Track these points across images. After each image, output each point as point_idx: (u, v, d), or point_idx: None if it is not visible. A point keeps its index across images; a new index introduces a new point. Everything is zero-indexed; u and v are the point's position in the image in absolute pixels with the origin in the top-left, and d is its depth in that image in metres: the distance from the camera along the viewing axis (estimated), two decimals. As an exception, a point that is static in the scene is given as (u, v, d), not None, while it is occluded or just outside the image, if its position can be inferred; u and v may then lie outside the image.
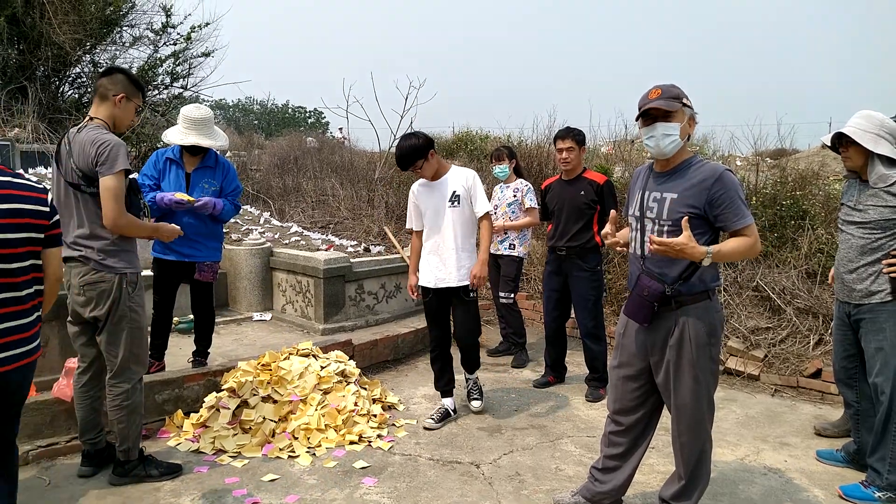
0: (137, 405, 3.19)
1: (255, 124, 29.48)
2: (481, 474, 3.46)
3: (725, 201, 2.51)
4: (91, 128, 3.06)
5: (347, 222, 8.69)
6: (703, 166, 2.59)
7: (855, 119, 3.30)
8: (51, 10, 9.46)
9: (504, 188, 5.59)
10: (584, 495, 2.97)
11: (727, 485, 3.39)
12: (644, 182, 2.74)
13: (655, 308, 2.59)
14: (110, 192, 2.98)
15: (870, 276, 3.25)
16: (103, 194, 2.98)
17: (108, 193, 2.98)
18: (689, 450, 2.70)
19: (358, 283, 5.75)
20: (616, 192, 4.84)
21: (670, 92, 2.60)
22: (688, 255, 2.45)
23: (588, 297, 4.68)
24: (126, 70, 3.30)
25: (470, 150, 12.78)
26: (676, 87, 2.63)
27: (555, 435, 4.03)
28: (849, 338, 3.48)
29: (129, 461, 3.22)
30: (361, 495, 3.21)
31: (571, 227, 4.65)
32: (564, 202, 4.72)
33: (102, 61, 11.14)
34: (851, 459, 3.59)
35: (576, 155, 4.67)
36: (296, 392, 3.93)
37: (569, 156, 4.67)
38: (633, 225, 2.77)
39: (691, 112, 2.64)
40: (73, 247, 3.06)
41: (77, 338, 3.21)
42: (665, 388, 2.68)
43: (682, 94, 2.62)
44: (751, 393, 4.91)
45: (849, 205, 3.39)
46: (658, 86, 2.63)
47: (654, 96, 2.60)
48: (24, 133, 8.99)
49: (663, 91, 2.60)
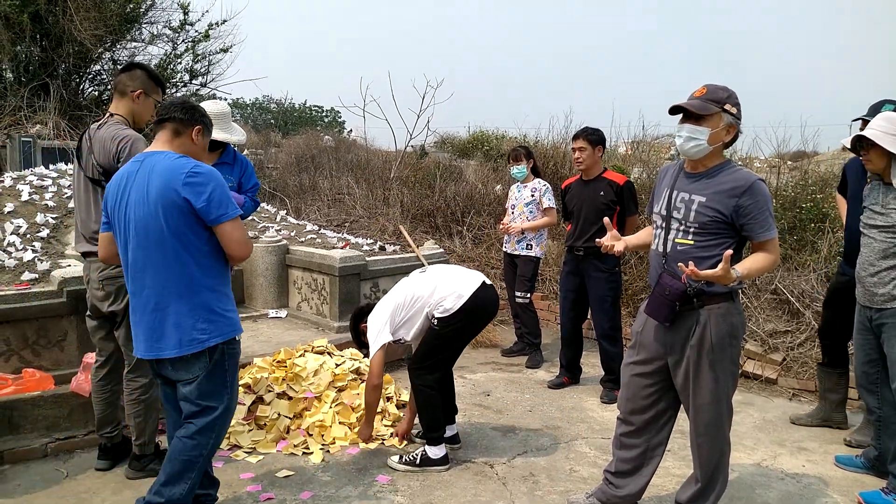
0: (154, 400, 3.21)
1: (271, 123, 29.60)
2: (495, 474, 3.45)
3: (753, 212, 2.48)
4: (111, 124, 3.08)
5: (363, 221, 8.70)
6: (736, 172, 2.54)
7: (876, 121, 3.25)
8: (73, 7, 9.56)
9: (521, 188, 5.57)
10: (599, 498, 2.95)
11: (744, 489, 3.35)
12: (672, 180, 2.70)
13: (677, 307, 2.56)
14: None
15: (892, 280, 3.20)
16: None
17: None
18: (706, 452, 2.67)
19: (373, 281, 5.75)
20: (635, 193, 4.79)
21: (714, 94, 2.53)
22: (721, 282, 2.44)
23: (605, 298, 4.65)
24: (145, 66, 3.33)
25: (486, 151, 12.76)
26: (725, 91, 2.55)
27: (569, 436, 4.01)
28: (870, 342, 3.43)
29: (145, 455, 3.24)
30: (375, 493, 3.21)
31: (590, 228, 4.60)
32: (583, 203, 4.69)
33: (122, 58, 11.26)
34: (871, 465, 3.54)
35: (588, 155, 4.63)
36: (311, 389, 3.94)
37: (581, 156, 4.65)
38: (658, 223, 2.72)
39: (731, 120, 2.54)
40: (92, 241, 3.08)
41: (95, 332, 3.24)
42: (684, 388, 2.65)
43: (727, 100, 2.53)
44: (768, 397, 4.86)
45: (872, 208, 3.33)
46: (706, 84, 2.57)
47: (696, 95, 2.56)
48: (46, 130, 9.11)
49: (708, 91, 2.55)
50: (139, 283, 2.51)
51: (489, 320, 3.64)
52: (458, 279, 3.51)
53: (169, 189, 2.42)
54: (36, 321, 3.80)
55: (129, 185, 2.51)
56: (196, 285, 2.50)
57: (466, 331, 3.50)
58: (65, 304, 3.83)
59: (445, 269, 3.73)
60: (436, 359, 3.49)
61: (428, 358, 3.48)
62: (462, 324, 3.42)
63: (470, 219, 8.47)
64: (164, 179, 2.44)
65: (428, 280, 3.57)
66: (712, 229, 2.54)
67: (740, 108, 2.56)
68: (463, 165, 11.69)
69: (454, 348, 3.55)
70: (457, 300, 3.39)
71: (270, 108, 33.66)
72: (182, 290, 2.48)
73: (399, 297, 3.56)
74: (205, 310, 2.51)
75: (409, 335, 3.57)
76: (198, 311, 2.50)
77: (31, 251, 4.36)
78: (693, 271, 2.39)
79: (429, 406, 3.48)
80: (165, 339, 2.49)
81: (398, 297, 3.56)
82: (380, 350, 3.47)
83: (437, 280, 3.54)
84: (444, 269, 3.76)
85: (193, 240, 2.48)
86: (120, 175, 2.58)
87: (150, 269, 2.48)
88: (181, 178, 2.43)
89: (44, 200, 5.07)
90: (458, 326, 3.42)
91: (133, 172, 2.53)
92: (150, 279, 2.49)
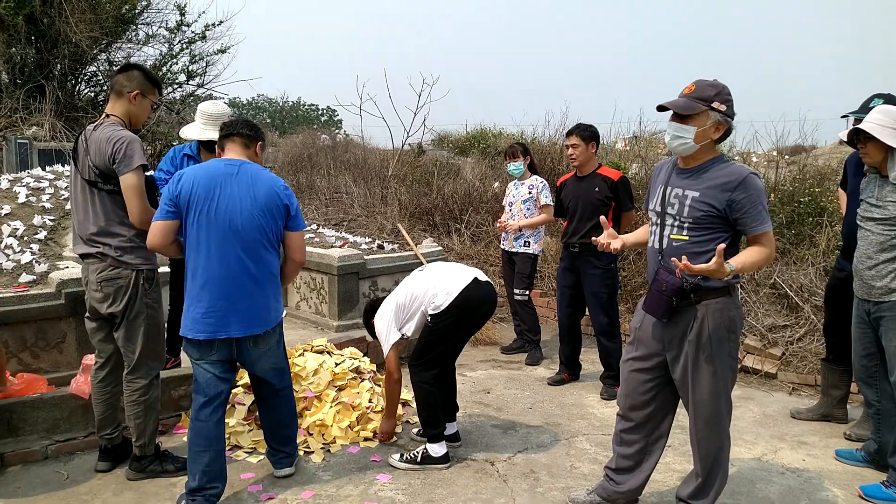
0: (154, 401, 3.21)
1: (267, 122, 29.57)
2: (496, 471, 3.45)
3: (746, 206, 2.48)
4: (107, 125, 3.07)
5: (361, 219, 8.70)
6: (728, 167, 2.55)
7: (873, 114, 3.25)
8: (68, 9, 9.54)
9: (518, 185, 5.57)
10: (600, 494, 2.95)
11: (744, 483, 3.35)
12: (666, 177, 2.71)
13: (674, 303, 2.57)
14: (133, 189, 2.99)
15: (889, 272, 3.21)
16: (126, 192, 2.99)
17: (131, 191, 2.99)
18: (706, 447, 2.67)
19: (372, 279, 5.75)
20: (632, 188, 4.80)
21: (702, 91, 2.53)
22: (715, 277, 2.44)
23: (601, 294, 4.65)
24: (142, 67, 3.32)
25: (483, 148, 12.74)
26: (713, 88, 2.53)
27: (570, 433, 4.01)
28: (868, 336, 3.43)
29: (145, 456, 3.24)
30: (376, 491, 3.21)
31: (585, 224, 4.61)
32: (578, 199, 4.70)
33: (117, 59, 11.25)
34: (871, 459, 3.55)
35: (582, 151, 4.64)
36: (310, 388, 3.93)
37: (574, 152, 4.67)
38: (653, 220, 2.74)
39: (720, 118, 2.53)
40: (90, 243, 3.08)
41: (95, 334, 3.23)
42: (683, 383, 2.66)
43: (716, 97, 2.51)
44: (768, 391, 4.86)
45: (868, 201, 3.34)
46: (696, 81, 2.57)
47: (685, 92, 2.57)
48: (42, 131, 9.09)
49: (696, 88, 2.54)
50: (226, 267, 2.90)
51: (484, 316, 3.63)
52: (450, 276, 3.53)
53: (273, 195, 2.96)
54: (34, 323, 3.80)
55: (225, 183, 2.92)
56: (275, 273, 3.06)
57: (458, 327, 3.51)
58: (63, 305, 3.83)
59: (441, 267, 3.73)
60: (431, 355, 3.50)
61: (424, 355, 3.50)
62: (452, 320, 3.43)
63: (468, 216, 8.47)
64: (269, 186, 2.97)
65: (424, 278, 3.60)
66: (706, 224, 2.54)
67: (732, 103, 2.56)
68: (461, 163, 11.68)
69: (448, 345, 3.56)
70: (446, 297, 3.41)
71: (266, 108, 33.62)
72: (266, 277, 3.00)
73: (401, 297, 3.59)
74: (274, 295, 3.08)
75: (411, 332, 3.60)
76: (271, 295, 3.04)
77: (28, 253, 4.35)
78: (686, 265, 2.39)
79: (427, 403, 3.48)
80: (252, 319, 2.96)
81: (400, 296, 3.60)
82: (392, 348, 3.55)
83: (431, 278, 3.57)
84: (440, 266, 3.77)
85: (273, 240, 3.03)
86: (209, 171, 2.94)
87: (241, 257, 2.91)
88: (281, 187, 3.01)
89: (41, 202, 5.05)
90: (449, 322, 3.43)
91: (230, 175, 2.94)
92: (236, 265, 2.91)
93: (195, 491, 2.92)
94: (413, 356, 3.56)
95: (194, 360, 3.03)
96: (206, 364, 3.00)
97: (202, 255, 2.91)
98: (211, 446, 2.97)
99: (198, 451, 2.94)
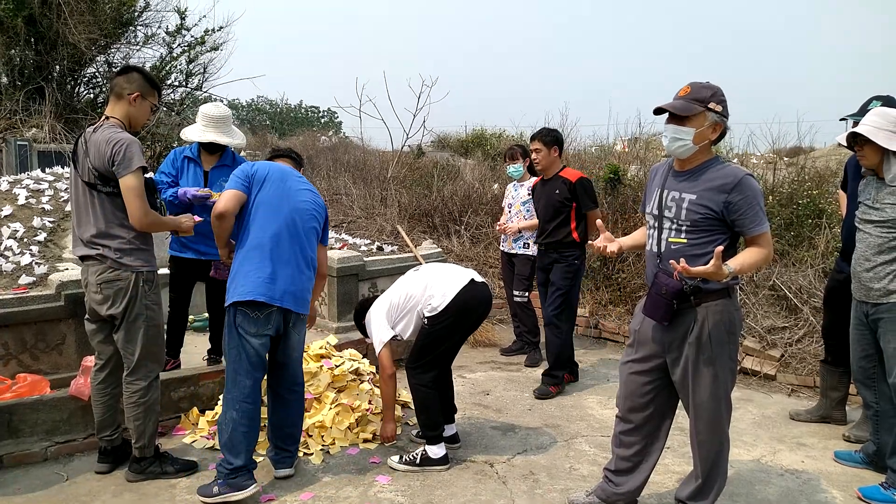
0: (154, 402, 3.21)
1: (266, 124, 29.53)
2: (495, 473, 3.46)
3: (743, 207, 2.49)
4: (106, 127, 3.07)
5: (360, 221, 8.70)
6: (724, 169, 2.55)
7: (870, 117, 3.26)
8: (67, 11, 9.55)
9: (518, 187, 5.57)
10: (599, 496, 2.96)
11: (744, 485, 3.36)
12: (663, 180, 2.71)
13: (674, 306, 2.57)
14: (132, 191, 2.99)
15: (887, 274, 3.21)
16: (126, 194, 3.00)
17: (131, 193, 2.99)
18: (706, 448, 2.68)
19: (371, 281, 5.75)
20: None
21: (698, 93, 2.54)
22: (714, 278, 2.44)
23: (559, 286, 4.74)
24: (142, 69, 3.32)
25: (484, 150, 12.75)
26: (709, 89, 2.54)
27: (569, 434, 4.01)
28: (867, 338, 3.44)
29: (144, 458, 3.24)
30: (375, 493, 3.21)
31: (548, 225, 4.82)
32: (541, 201, 4.89)
33: (116, 61, 11.25)
34: (870, 461, 3.55)
35: (544, 155, 4.80)
36: (310, 390, 3.93)
37: (537, 157, 4.85)
38: (651, 223, 2.74)
39: (716, 118, 2.54)
40: (89, 245, 3.08)
41: (94, 335, 3.23)
42: (683, 385, 2.66)
43: (711, 98, 2.53)
44: (767, 393, 4.87)
45: (866, 203, 3.34)
46: (691, 83, 2.58)
47: (680, 94, 2.57)
48: (42, 133, 9.09)
49: (692, 90, 2.55)
50: (294, 245, 3.21)
51: (480, 317, 3.64)
52: (447, 277, 3.53)
53: (321, 203, 3.44)
54: (34, 325, 3.80)
55: (294, 176, 3.38)
56: (316, 268, 3.37)
57: (455, 328, 3.51)
58: (63, 307, 3.83)
59: (437, 268, 3.74)
60: (429, 357, 3.50)
61: (421, 357, 3.50)
62: (450, 321, 3.44)
63: (468, 218, 8.47)
64: (318, 198, 3.43)
65: (420, 278, 3.61)
66: (704, 227, 2.54)
67: (726, 104, 2.57)
68: (460, 165, 11.69)
69: (445, 346, 3.56)
70: (443, 298, 3.42)
71: (266, 110, 33.57)
72: (313, 268, 3.32)
73: (394, 297, 3.60)
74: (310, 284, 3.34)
75: (406, 333, 3.60)
76: (310, 286, 3.34)
77: (28, 255, 4.36)
78: (684, 268, 2.40)
79: (426, 405, 3.48)
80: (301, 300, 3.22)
81: (394, 296, 3.61)
82: (385, 346, 3.57)
83: (427, 278, 3.57)
84: (436, 267, 3.77)
85: (320, 236, 3.43)
86: (280, 168, 3.35)
87: (302, 240, 3.25)
88: (323, 203, 3.48)
89: (40, 204, 5.06)
90: (446, 324, 3.44)
91: (295, 176, 3.38)
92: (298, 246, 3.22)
93: (240, 469, 3.05)
94: (410, 359, 3.56)
95: (249, 335, 3.09)
96: (258, 340, 3.11)
97: (270, 226, 3.15)
98: (254, 425, 3.14)
99: (244, 431, 3.08)
